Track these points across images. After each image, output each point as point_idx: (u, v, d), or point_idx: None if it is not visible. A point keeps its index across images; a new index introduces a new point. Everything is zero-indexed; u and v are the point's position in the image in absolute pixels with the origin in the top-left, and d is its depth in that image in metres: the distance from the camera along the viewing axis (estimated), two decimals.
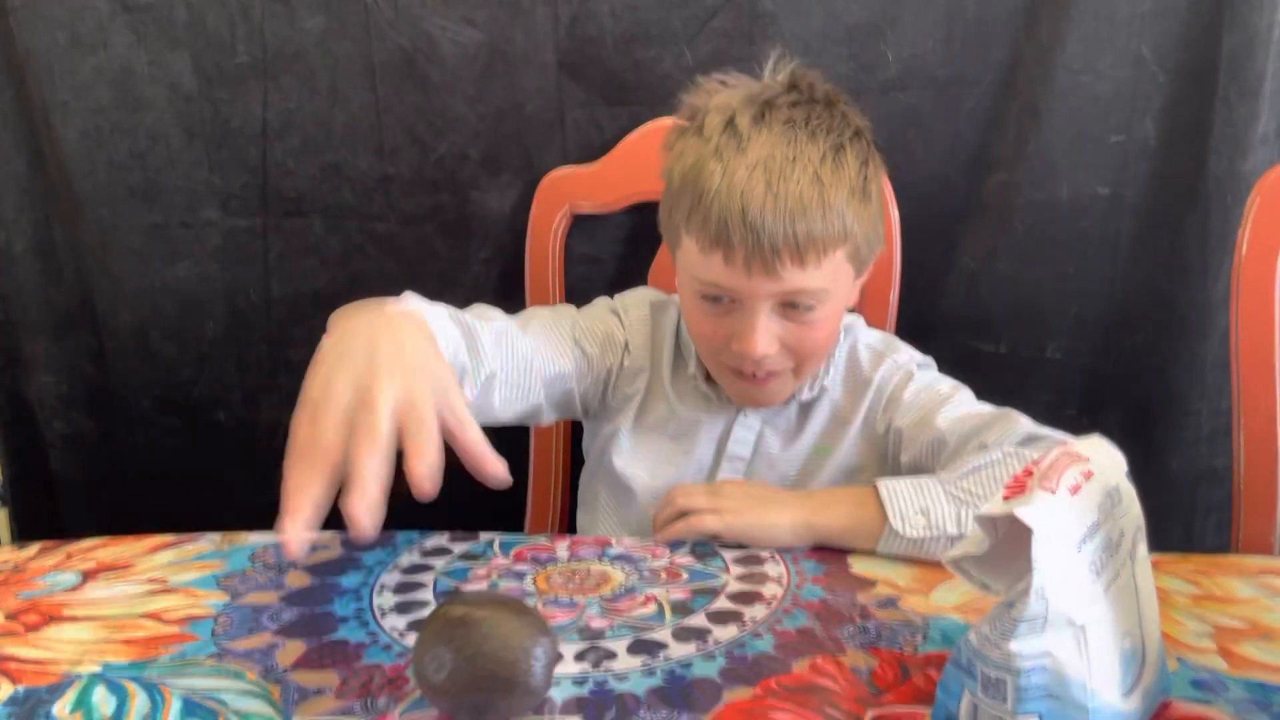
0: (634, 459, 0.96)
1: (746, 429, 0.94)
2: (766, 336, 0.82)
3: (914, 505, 0.75)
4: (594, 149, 1.16)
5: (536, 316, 0.93)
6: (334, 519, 0.85)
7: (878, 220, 0.87)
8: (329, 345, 0.62)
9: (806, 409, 0.94)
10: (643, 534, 0.85)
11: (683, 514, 0.81)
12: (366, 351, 0.60)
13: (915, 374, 0.92)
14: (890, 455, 0.91)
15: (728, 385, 0.91)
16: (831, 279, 0.83)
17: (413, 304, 0.72)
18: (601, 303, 1.00)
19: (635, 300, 0.99)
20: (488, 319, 0.85)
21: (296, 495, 0.55)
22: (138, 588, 0.76)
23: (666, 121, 1.14)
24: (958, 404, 0.88)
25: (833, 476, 0.93)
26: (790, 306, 0.83)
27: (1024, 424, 0.82)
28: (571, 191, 1.15)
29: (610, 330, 0.96)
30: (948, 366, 1.18)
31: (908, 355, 0.95)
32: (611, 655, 0.64)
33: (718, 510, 0.79)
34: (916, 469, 0.86)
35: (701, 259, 0.83)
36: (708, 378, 0.94)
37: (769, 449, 0.94)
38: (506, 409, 0.86)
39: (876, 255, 0.90)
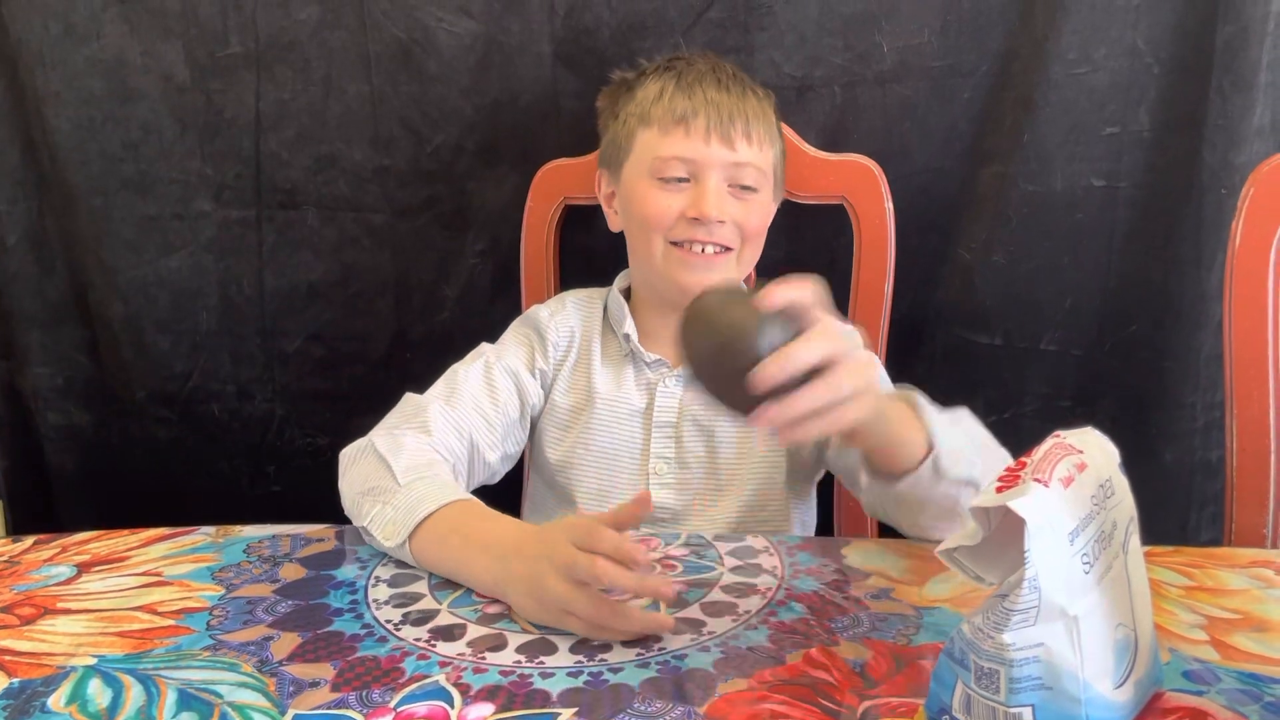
0: (566, 452, 0.98)
1: (668, 395, 0.97)
2: (719, 198, 0.92)
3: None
4: (590, 140, 1.16)
5: (458, 384, 0.95)
6: (332, 514, 0.86)
7: (784, 169, 1.02)
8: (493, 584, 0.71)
9: None
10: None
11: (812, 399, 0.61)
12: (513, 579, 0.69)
13: None
14: None
15: (675, 274, 0.95)
16: (766, 167, 0.96)
17: (443, 497, 0.77)
18: (513, 324, 1.04)
19: (558, 296, 1.07)
20: (432, 426, 0.89)
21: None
22: (132, 580, 0.76)
23: None
24: None
25: (766, 442, 0.95)
26: (737, 186, 0.94)
27: None
28: (567, 183, 1.15)
29: (527, 334, 1.01)
30: (942, 358, 1.19)
31: None
32: (607, 647, 0.64)
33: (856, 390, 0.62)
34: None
35: (663, 139, 0.94)
36: (641, 345, 0.99)
37: (694, 412, 0.96)
38: (506, 463, 0.97)
39: (778, 199, 1.02)
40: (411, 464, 0.81)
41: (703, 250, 0.93)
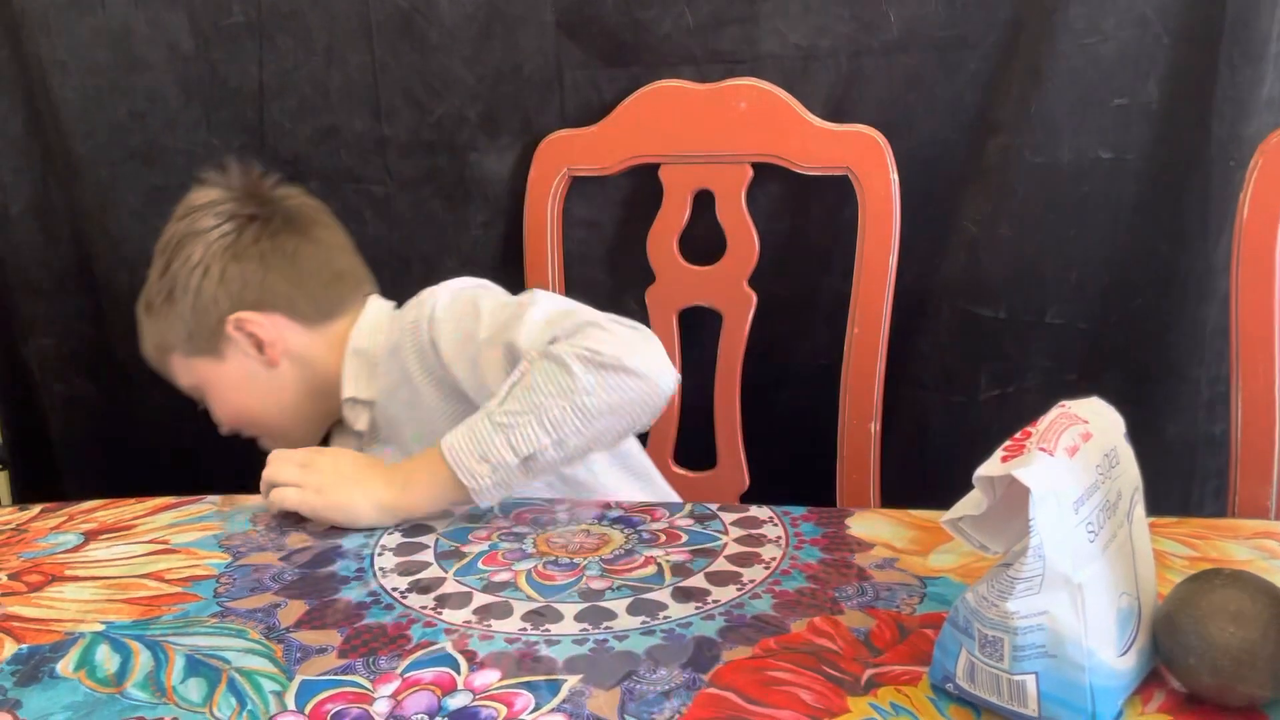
0: None
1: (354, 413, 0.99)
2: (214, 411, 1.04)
3: (474, 456, 0.76)
4: (593, 111, 1.15)
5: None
6: None
7: (196, 308, 0.97)
8: None
9: (406, 383, 0.93)
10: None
11: (272, 484, 0.81)
12: None
13: (437, 317, 0.91)
14: (473, 387, 0.89)
15: None
16: (191, 375, 1.02)
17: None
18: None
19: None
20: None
21: None
22: (139, 548, 0.76)
23: (666, 83, 1.13)
24: (480, 322, 0.88)
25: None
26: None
27: (531, 322, 0.83)
28: (570, 154, 1.14)
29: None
30: (947, 331, 1.18)
31: (415, 309, 0.94)
32: (611, 615, 0.64)
33: (300, 485, 0.80)
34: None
35: None
36: None
37: (391, 425, 0.96)
38: None
39: (230, 325, 0.97)
40: None
41: None
